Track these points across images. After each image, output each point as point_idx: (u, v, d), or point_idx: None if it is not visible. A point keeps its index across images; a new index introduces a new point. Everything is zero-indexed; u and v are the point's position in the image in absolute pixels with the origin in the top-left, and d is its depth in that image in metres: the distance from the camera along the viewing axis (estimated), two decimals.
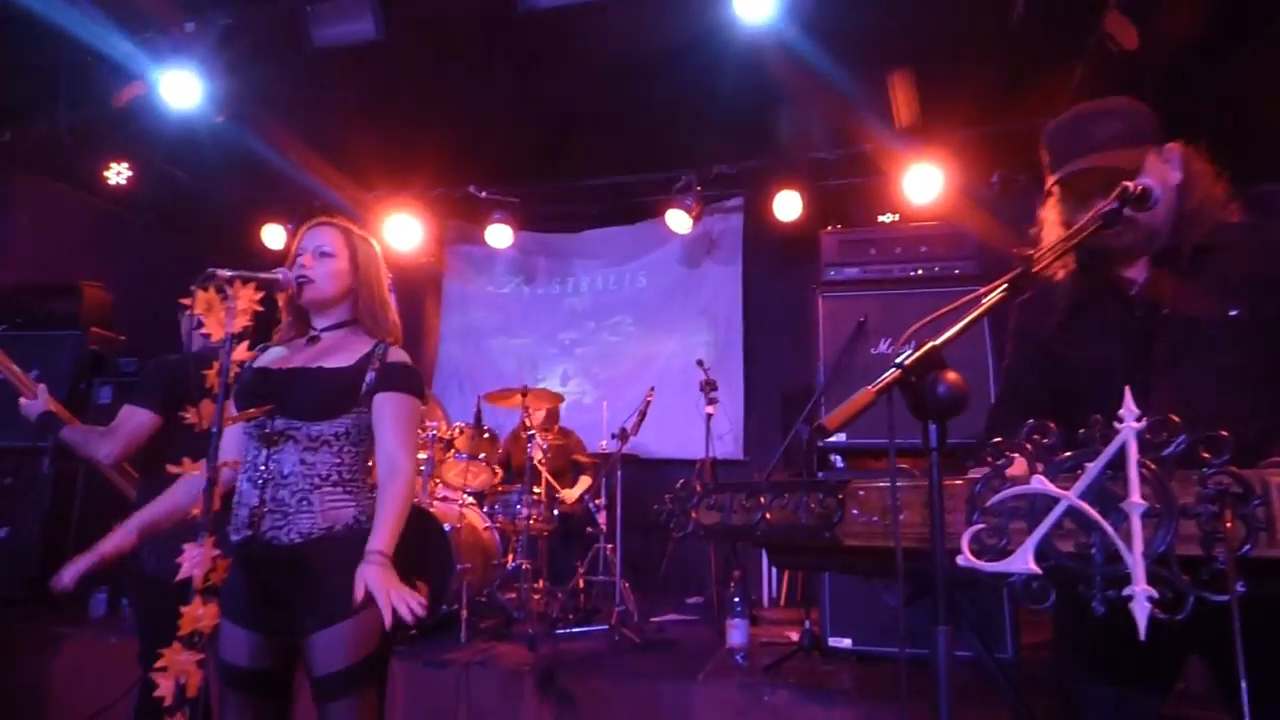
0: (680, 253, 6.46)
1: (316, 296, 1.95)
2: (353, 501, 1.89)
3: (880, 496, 1.18)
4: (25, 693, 3.80)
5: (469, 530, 4.03)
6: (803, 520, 1.24)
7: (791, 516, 1.26)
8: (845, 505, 1.20)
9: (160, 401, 2.64)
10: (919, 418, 1.03)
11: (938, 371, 1.02)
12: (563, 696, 3.15)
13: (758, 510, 1.29)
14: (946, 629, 0.95)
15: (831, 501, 1.22)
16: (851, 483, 1.22)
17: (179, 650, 1.61)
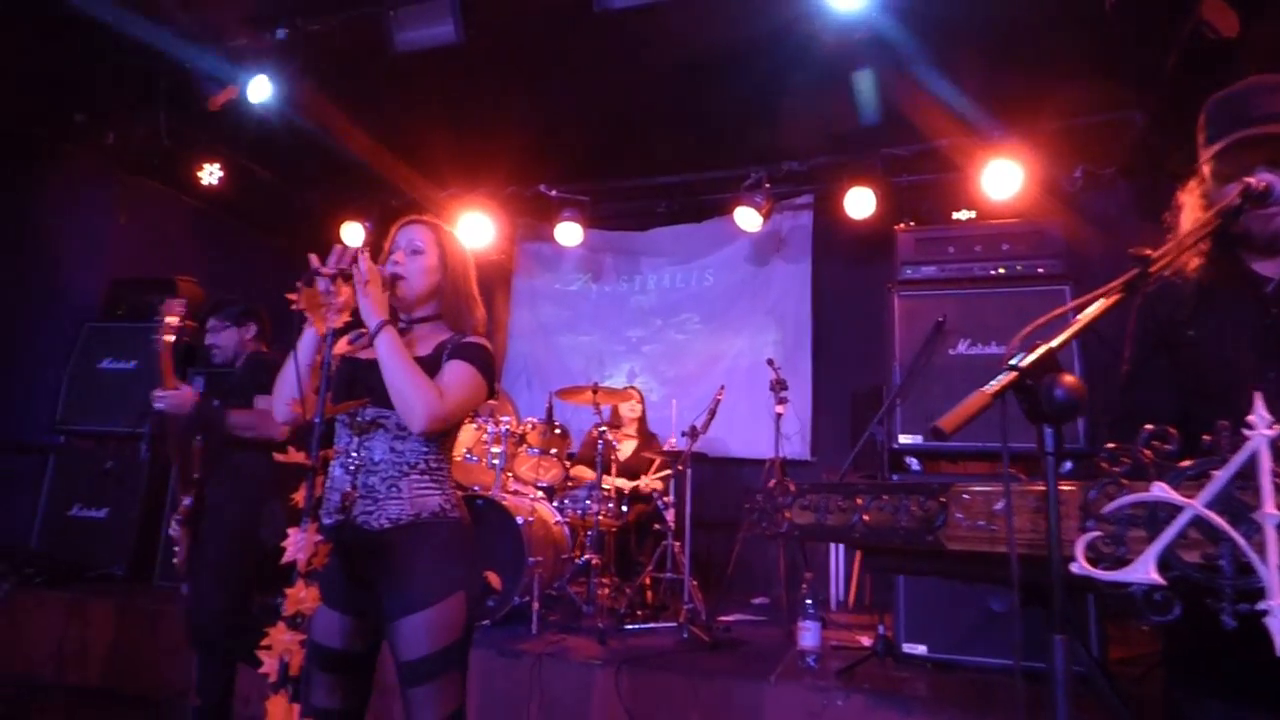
0: (748, 251, 6.42)
1: (408, 292, 2.01)
2: (438, 490, 1.95)
3: (985, 500, 1.16)
4: (128, 663, 4.02)
5: (540, 524, 4.09)
6: (903, 523, 1.23)
7: (890, 519, 1.25)
8: (948, 508, 1.19)
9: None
10: (1034, 421, 1.01)
11: (1054, 374, 0.99)
12: (634, 691, 3.17)
13: (855, 512, 1.28)
14: (1063, 639, 0.93)
15: (933, 505, 1.20)
16: (954, 486, 1.20)
17: (283, 630, 1.68)
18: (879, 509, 1.26)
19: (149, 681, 3.96)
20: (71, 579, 4.59)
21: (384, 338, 1.81)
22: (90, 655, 4.11)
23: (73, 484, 4.99)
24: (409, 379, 1.81)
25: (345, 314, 1.80)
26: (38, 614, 4.28)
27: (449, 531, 1.94)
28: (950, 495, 1.19)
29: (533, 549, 3.90)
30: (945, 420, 0.96)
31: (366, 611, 1.92)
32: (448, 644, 1.87)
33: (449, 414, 1.86)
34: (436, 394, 1.83)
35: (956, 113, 4.91)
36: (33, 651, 4.22)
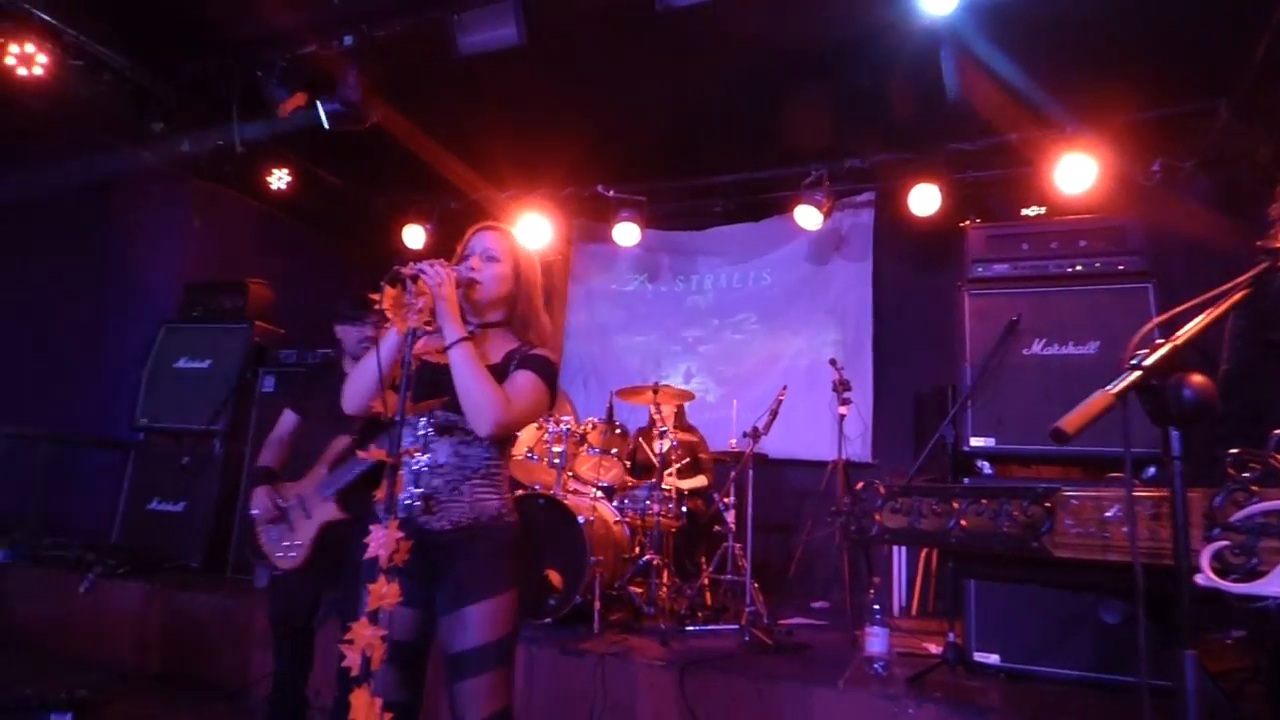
0: (807, 249, 6.33)
1: (481, 297, 2.04)
2: (497, 494, 2.00)
3: (1096, 506, 1.11)
4: (205, 651, 4.16)
5: (601, 524, 4.09)
6: (1004, 528, 1.18)
7: (990, 524, 1.20)
8: (1054, 514, 1.14)
9: None
10: (1160, 424, 0.96)
11: (1181, 374, 0.94)
12: (698, 693, 3.15)
13: (951, 516, 1.24)
14: (1194, 654, 0.87)
15: (1038, 510, 1.15)
16: (1060, 491, 1.15)
17: (365, 625, 1.70)
18: (977, 514, 1.22)
19: (224, 669, 4.08)
20: (150, 570, 4.76)
21: (459, 350, 1.87)
22: (169, 643, 4.26)
23: (152, 479, 5.19)
24: (479, 385, 1.86)
25: (425, 315, 1.83)
26: (120, 604, 4.46)
27: (504, 535, 2.00)
28: (1056, 500, 1.14)
29: (594, 548, 3.90)
30: (1067, 421, 0.91)
31: (421, 605, 1.96)
32: (496, 639, 1.91)
33: (514, 420, 1.92)
34: (504, 400, 1.88)
35: (1027, 105, 4.77)
36: (116, 639, 4.39)
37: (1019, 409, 3.51)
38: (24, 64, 4.60)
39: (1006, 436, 3.50)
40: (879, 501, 1.35)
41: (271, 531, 3.02)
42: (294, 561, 2.94)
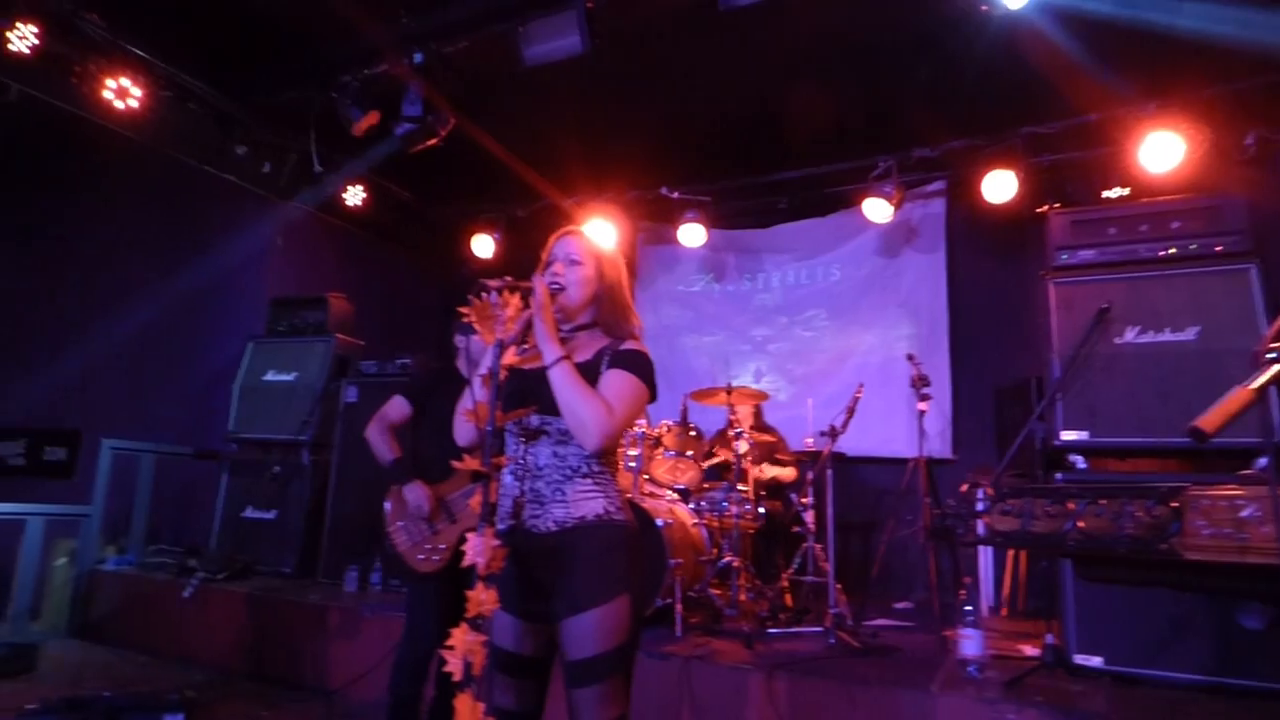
0: (877, 243, 6.21)
1: (569, 302, 2.05)
2: (601, 493, 1.97)
3: (1229, 506, 1.05)
4: (301, 653, 4.32)
5: (679, 526, 4.09)
6: (1127, 530, 1.13)
7: (1111, 526, 1.15)
8: (1183, 514, 1.08)
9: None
10: None
11: None
12: (788, 697, 3.11)
13: (1067, 518, 1.20)
14: None
15: (1164, 510, 1.10)
16: (1188, 489, 1.10)
17: (465, 631, 1.74)
18: (1096, 515, 1.17)
19: (320, 670, 4.23)
20: (247, 575, 4.98)
21: (558, 370, 1.87)
22: (267, 645, 4.45)
23: (245, 488, 5.42)
24: (582, 402, 1.86)
25: (512, 325, 1.85)
26: (221, 608, 4.67)
27: (614, 534, 1.96)
28: (1185, 500, 1.09)
29: (673, 551, 3.90)
30: (1205, 420, 0.87)
31: (539, 615, 1.95)
32: (614, 646, 1.89)
33: (620, 428, 1.90)
34: (607, 411, 1.87)
35: (1108, 83, 4.57)
36: (218, 642, 4.61)
37: (1112, 400, 3.36)
38: (120, 97, 4.87)
39: (1101, 429, 3.36)
40: (986, 504, 1.31)
41: (411, 532, 2.97)
42: (435, 565, 2.91)
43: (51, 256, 6.69)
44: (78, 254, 6.68)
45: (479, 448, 1.98)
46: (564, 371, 1.88)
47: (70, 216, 6.67)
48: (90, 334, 6.03)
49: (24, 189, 6.38)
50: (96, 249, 6.67)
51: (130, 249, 6.43)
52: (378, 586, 4.82)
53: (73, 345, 5.95)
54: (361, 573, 4.82)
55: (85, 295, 5.96)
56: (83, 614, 5.10)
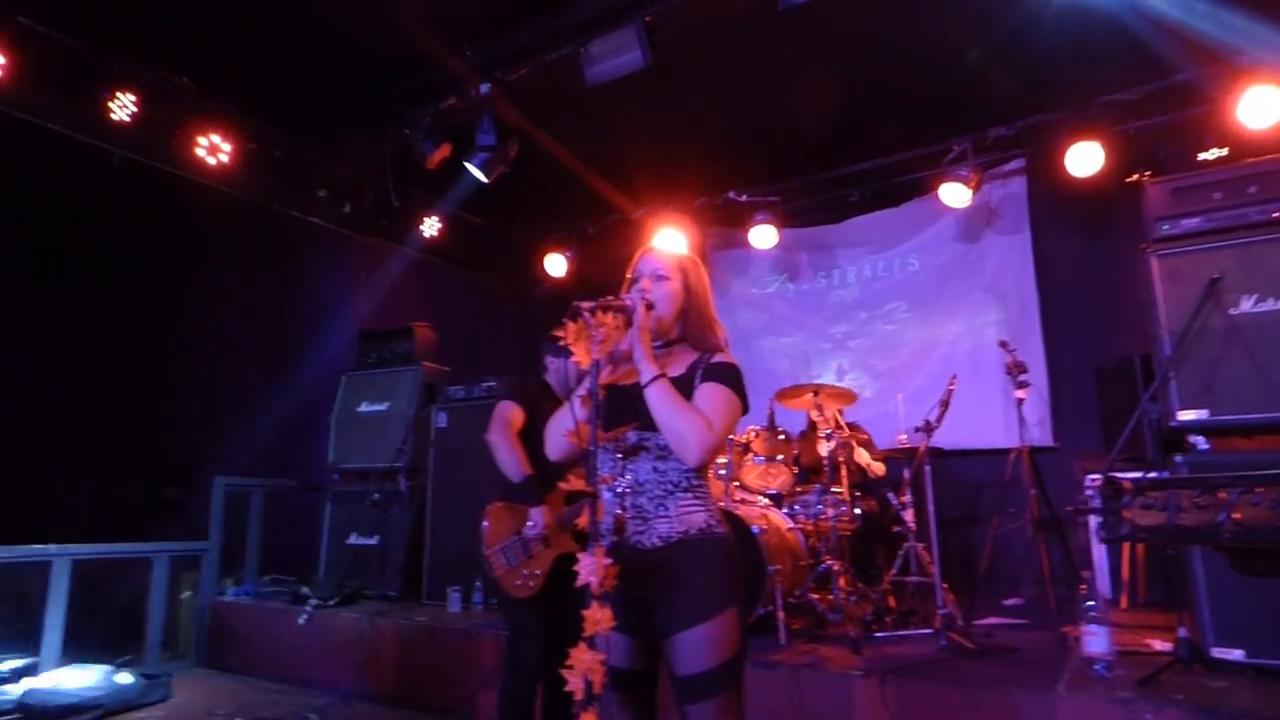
0: (956, 228, 6.02)
1: (658, 319, 2.05)
2: (703, 507, 1.98)
3: None
4: (413, 673, 4.45)
5: (775, 532, 4.04)
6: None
7: (1272, 515, 1.08)
8: None
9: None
10: None
11: None
12: (903, 703, 3.03)
13: (1219, 509, 1.13)
14: None
15: None
16: None
17: (584, 650, 1.75)
18: (1253, 504, 1.10)
19: (433, 689, 4.34)
20: (356, 600, 5.17)
21: (654, 389, 1.89)
22: (381, 667, 4.59)
23: (348, 516, 5.63)
24: (680, 419, 1.87)
25: (607, 345, 1.87)
26: (335, 633, 4.85)
27: (718, 547, 1.97)
28: None
29: (770, 557, 3.86)
30: None
31: (644, 630, 1.96)
32: (725, 660, 1.88)
33: (719, 442, 1.91)
34: (706, 425, 1.87)
35: (1199, 37, 4.32)
36: (333, 666, 4.78)
37: (1232, 375, 3.16)
38: (212, 153, 5.16)
39: (1221, 406, 3.15)
40: (1126, 497, 1.25)
41: (509, 556, 2.92)
42: (531, 590, 2.88)
43: (158, 307, 7.12)
44: (181, 303, 7.09)
45: (574, 465, 2.01)
46: (661, 389, 1.89)
47: (172, 268, 7.09)
48: (197, 378, 6.39)
49: (130, 247, 6.80)
50: (197, 297, 7.06)
51: (227, 295, 6.78)
52: (480, 606, 4.92)
53: (182, 390, 6.31)
54: (464, 593, 4.94)
55: (190, 342, 6.32)
56: (208, 644, 5.38)
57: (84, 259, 6.71)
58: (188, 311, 7.02)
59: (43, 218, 6.41)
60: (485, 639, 4.24)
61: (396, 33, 4.49)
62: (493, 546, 2.94)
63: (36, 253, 6.35)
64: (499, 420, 3.05)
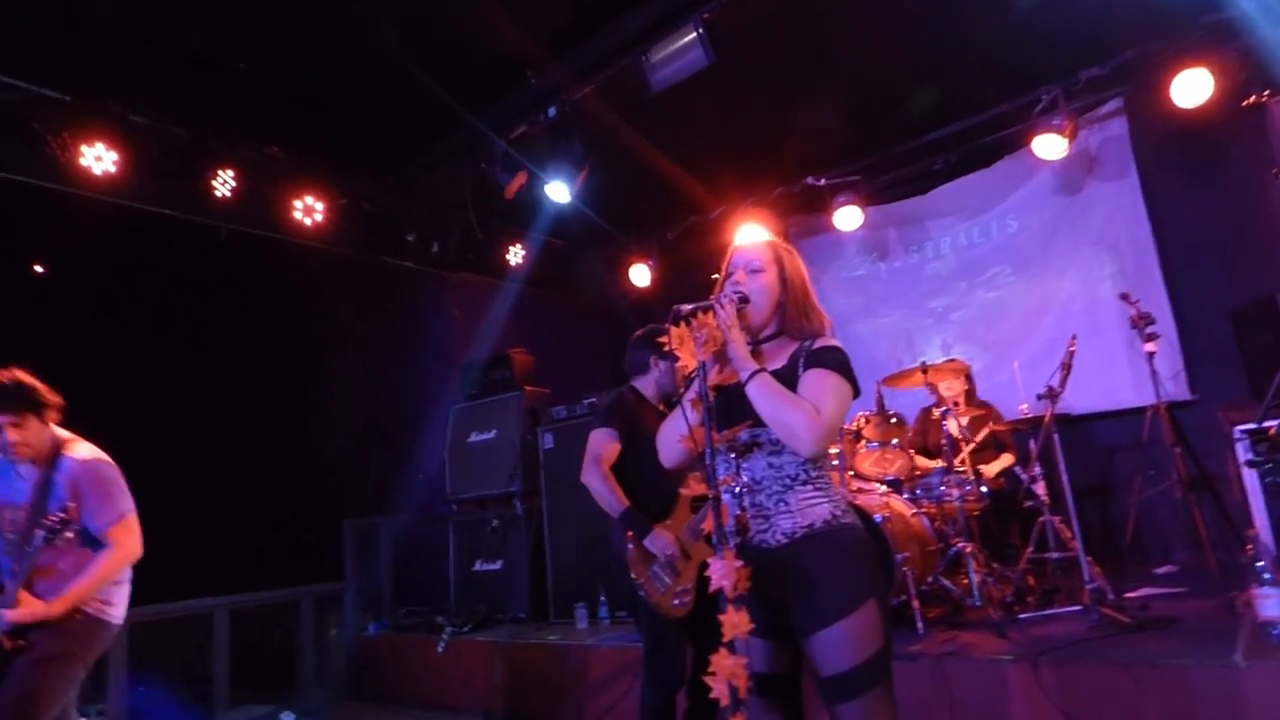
0: (1054, 181, 5.70)
1: (754, 312, 2.01)
2: (825, 498, 1.92)
3: None
4: (553, 694, 4.53)
5: (898, 519, 3.91)
6: None
7: None
8: None
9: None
10: None
11: None
12: (1063, 687, 2.86)
13: None
14: None
15: None
16: None
17: (725, 655, 1.73)
18: None
19: (572, 705, 4.41)
20: (488, 625, 5.31)
21: (755, 384, 1.85)
22: (520, 687, 4.69)
23: (471, 543, 5.81)
24: (786, 411, 1.83)
25: (712, 347, 1.86)
26: (473, 658, 5.00)
27: (847, 538, 1.91)
28: None
29: (897, 545, 3.73)
30: None
31: (781, 632, 1.92)
32: (870, 655, 1.82)
33: (830, 430, 1.84)
34: (814, 413, 1.82)
35: None
36: (474, 689, 4.92)
37: None
38: (307, 214, 5.46)
39: None
40: None
41: (659, 578, 2.88)
42: (688, 607, 2.84)
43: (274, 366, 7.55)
44: (294, 360, 7.50)
45: (689, 470, 1.99)
46: (761, 384, 1.86)
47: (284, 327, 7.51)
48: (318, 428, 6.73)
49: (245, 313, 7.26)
50: (308, 352, 7.45)
51: (336, 346, 7.13)
52: (606, 620, 4.97)
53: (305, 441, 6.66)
54: (589, 609, 5.00)
55: (307, 395, 6.67)
56: (356, 678, 5.64)
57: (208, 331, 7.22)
58: (302, 366, 7.41)
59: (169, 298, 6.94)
60: (616, 653, 4.28)
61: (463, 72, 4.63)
62: (643, 575, 2.91)
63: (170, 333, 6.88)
64: (590, 458, 3.08)
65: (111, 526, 2.70)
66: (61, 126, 4.45)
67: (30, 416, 2.72)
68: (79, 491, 2.70)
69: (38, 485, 2.71)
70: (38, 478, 2.73)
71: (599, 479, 3.02)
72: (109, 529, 2.70)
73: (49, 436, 2.78)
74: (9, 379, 2.72)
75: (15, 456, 2.72)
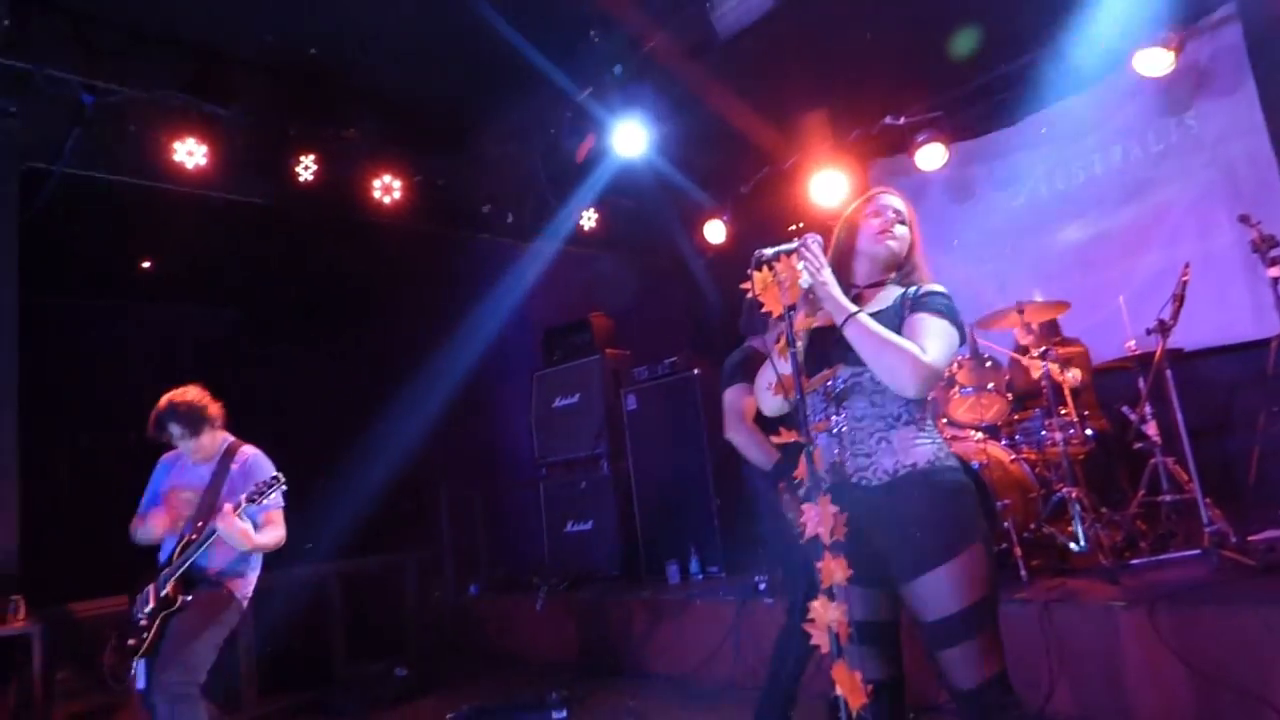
0: (1158, 102, 5.27)
1: (890, 254, 2.01)
2: (929, 439, 1.88)
3: None
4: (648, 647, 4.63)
5: (996, 465, 3.78)
6: None
7: None
8: None
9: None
10: None
11: None
12: (1182, 634, 2.73)
13: None
14: None
15: None
16: None
17: (824, 603, 1.71)
18: None
19: (668, 657, 4.50)
20: (582, 583, 5.44)
21: (854, 326, 1.83)
22: (616, 641, 4.83)
23: (561, 505, 5.94)
24: (888, 350, 1.80)
25: (796, 291, 1.81)
26: (569, 614, 5.15)
27: (950, 481, 1.87)
28: None
29: (997, 493, 3.61)
30: None
31: (881, 579, 1.88)
32: (977, 600, 1.78)
33: (935, 371, 1.81)
34: (917, 353, 1.80)
35: None
36: (573, 644, 5.08)
37: None
38: (386, 193, 5.59)
39: None
40: None
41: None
42: None
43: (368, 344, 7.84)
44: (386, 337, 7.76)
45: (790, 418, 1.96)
46: (860, 325, 1.83)
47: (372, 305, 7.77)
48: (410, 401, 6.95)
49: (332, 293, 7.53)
50: (397, 328, 7.69)
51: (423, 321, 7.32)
52: (698, 576, 5.02)
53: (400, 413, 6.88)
54: (681, 565, 5.05)
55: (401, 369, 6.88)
56: (460, 634, 5.90)
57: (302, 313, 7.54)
58: (392, 342, 7.66)
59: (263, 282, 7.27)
60: (710, 607, 4.32)
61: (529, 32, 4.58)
62: None
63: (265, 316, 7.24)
64: (733, 415, 3.03)
65: (270, 510, 3.09)
66: (156, 125, 4.67)
67: (205, 429, 3.19)
68: (249, 479, 3.11)
69: (215, 473, 3.18)
70: (214, 468, 3.20)
71: (745, 434, 2.99)
72: (267, 512, 3.09)
73: (220, 439, 3.28)
74: (184, 403, 3.15)
75: (194, 460, 3.23)
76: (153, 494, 3.26)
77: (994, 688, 1.76)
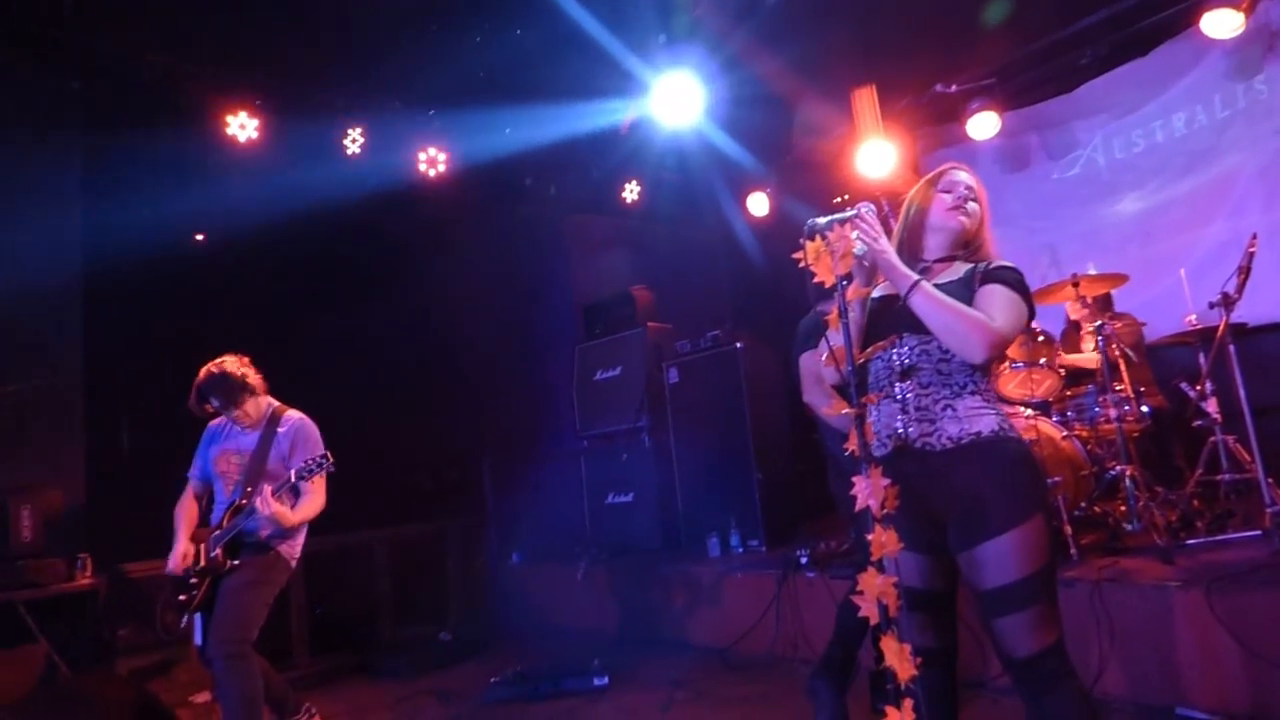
0: (1226, 65, 5.04)
1: (961, 230, 2.01)
2: (993, 410, 1.88)
3: None
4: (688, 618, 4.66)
5: (1047, 442, 3.70)
6: None
7: None
8: None
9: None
10: None
11: None
12: (1240, 616, 2.65)
13: None
14: None
15: None
16: None
17: (873, 575, 1.70)
18: None
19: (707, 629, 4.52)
20: (623, 553, 5.49)
21: (918, 294, 1.83)
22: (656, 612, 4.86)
23: (602, 477, 5.97)
24: (955, 318, 1.81)
25: (848, 260, 1.78)
26: (610, 584, 5.21)
27: (1013, 450, 1.86)
28: None
29: (1048, 470, 3.53)
30: None
31: (938, 547, 1.88)
32: (1035, 570, 1.77)
33: (1004, 337, 1.82)
34: (985, 321, 1.80)
35: None
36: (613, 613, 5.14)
37: None
38: (431, 165, 5.62)
39: None
40: None
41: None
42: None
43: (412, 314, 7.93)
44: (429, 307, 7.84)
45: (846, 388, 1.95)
46: (925, 295, 1.83)
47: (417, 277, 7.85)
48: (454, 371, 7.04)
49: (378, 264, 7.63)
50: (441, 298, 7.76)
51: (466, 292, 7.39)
52: (738, 549, 5.03)
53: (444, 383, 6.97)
54: (721, 538, 5.06)
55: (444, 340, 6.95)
56: (503, 602, 6.00)
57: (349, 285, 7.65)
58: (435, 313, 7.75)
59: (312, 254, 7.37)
60: (751, 580, 4.33)
61: None
62: None
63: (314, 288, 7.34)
64: (808, 378, 3.02)
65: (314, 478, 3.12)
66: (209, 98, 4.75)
67: (245, 397, 3.19)
68: (295, 444, 3.18)
69: (262, 438, 3.22)
70: (261, 433, 3.24)
71: (824, 396, 2.98)
72: (310, 480, 3.11)
73: (264, 404, 3.29)
74: (218, 374, 3.16)
75: (242, 427, 3.26)
76: (203, 460, 3.33)
77: (1051, 656, 1.76)
